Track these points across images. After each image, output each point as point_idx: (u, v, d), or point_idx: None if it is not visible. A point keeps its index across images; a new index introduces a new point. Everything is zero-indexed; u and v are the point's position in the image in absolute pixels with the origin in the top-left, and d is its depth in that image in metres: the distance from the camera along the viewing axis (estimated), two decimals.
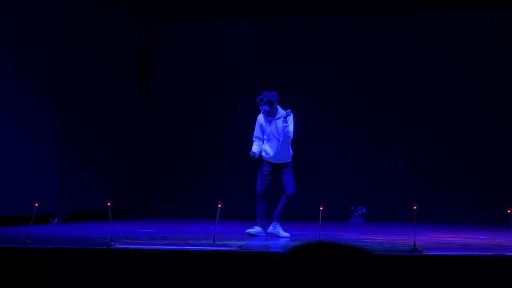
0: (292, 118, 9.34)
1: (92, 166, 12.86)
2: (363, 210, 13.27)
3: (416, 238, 7.35)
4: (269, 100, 9.22)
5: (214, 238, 7.83)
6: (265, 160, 9.48)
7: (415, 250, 7.07)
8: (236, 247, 7.28)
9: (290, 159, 9.47)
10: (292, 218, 11.16)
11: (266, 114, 9.31)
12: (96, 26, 12.94)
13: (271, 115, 9.32)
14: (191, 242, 8.16)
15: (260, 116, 9.46)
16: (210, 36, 14.24)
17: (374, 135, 13.62)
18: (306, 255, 1.94)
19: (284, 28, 14.10)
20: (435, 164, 13.39)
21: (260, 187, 9.41)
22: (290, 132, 9.33)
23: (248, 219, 13.04)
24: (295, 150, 9.61)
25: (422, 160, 13.46)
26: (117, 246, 7.39)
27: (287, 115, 9.26)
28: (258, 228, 9.38)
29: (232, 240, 8.64)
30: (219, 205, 8.11)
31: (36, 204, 8.36)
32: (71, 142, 12.29)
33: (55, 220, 11.83)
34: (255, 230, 9.36)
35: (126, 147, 13.84)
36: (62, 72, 12.06)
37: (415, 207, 7.83)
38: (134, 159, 14.11)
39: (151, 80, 14.54)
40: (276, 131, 9.37)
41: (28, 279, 6.65)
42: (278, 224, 9.37)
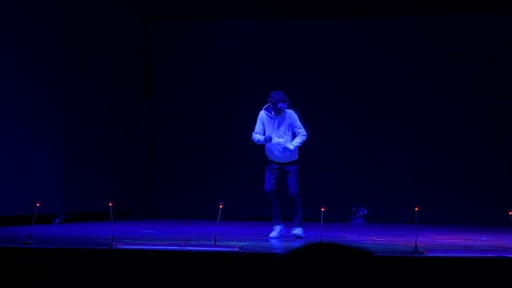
0: (295, 116, 9.37)
1: (93, 166, 12.86)
2: (365, 211, 13.26)
3: (417, 240, 7.34)
4: (282, 98, 9.26)
5: (215, 239, 7.83)
6: (270, 159, 9.50)
7: (417, 251, 7.05)
8: (238, 248, 7.28)
9: (296, 157, 9.45)
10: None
11: (279, 112, 9.29)
12: (96, 26, 12.93)
13: (281, 112, 9.32)
14: (193, 242, 8.15)
15: (262, 113, 9.46)
16: (210, 36, 14.22)
17: (375, 136, 13.60)
18: (307, 256, 1.93)
19: (284, 28, 14.09)
20: (436, 165, 13.37)
21: (267, 184, 9.41)
22: (301, 129, 9.35)
23: (248, 219, 13.10)
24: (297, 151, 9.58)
25: (423, 161, 13.44)
26: (118, 247, 7.38)
27: (286, 150, 9.24)
28: (278, 227, 9.37)
29: (234, 241, 8.63)
30: (220, 205, 8.10)
31: (38, 204, 8.36)
32: (72, 142, 12.29)
33: (57, 220, 11.83)
34: (276, 232, 9.34)
35: (126, 147, 13.84)
36: (62, 72, 12.06)
37: (416, 209, 7.81)
38: (135, 159, 14.11)
39: (151, 80, 14.53)
40: (277, 128, 9.36)
41: (30, 279, 6.65)
42: (301, 228, 9.33)
